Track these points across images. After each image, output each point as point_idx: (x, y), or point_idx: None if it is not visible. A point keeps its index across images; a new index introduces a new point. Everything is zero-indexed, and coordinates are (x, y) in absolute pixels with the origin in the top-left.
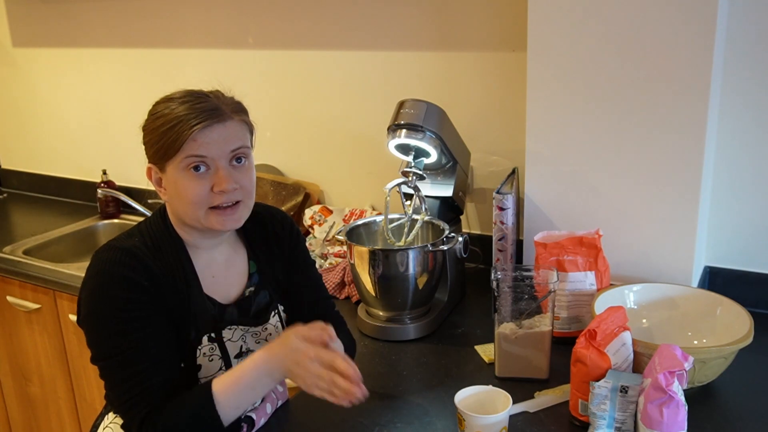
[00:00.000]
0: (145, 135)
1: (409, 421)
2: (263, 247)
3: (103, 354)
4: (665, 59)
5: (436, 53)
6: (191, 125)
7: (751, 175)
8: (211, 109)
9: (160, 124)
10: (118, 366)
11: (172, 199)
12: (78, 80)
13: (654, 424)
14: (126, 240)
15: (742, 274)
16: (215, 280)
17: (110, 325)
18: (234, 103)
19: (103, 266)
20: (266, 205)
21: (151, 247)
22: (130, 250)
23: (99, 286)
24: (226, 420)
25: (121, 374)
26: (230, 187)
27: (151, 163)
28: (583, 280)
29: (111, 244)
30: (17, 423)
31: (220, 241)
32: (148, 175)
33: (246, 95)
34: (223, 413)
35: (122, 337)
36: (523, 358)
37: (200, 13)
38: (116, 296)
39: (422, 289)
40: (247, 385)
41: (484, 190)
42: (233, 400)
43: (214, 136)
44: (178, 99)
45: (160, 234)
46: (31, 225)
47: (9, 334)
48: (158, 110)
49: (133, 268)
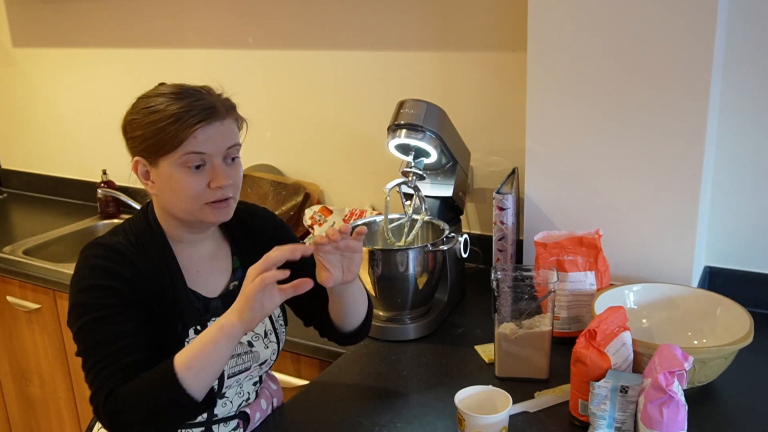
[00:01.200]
0: (135, 129)
1: (409, 421)
2: (247, 242)
3: (82, 339)
4: (665, 59)
5: (436, 53)
6: (192, 123)
7: (751, 175)
8: (209, 107)
9: (157, 119)
10: (94, 347)
11: (164, 194)
12: (78, 80)
13: (654, 424)
14: (110, 237)
15: (742, 274)
16: (199, 275)
17: (92, 312)
18: (226, 101)
19: (87, 260)
20: (249, 203)
21: (135, 243)
22: (114, 246)
23: (81, 279)
24: (192, 388)
25: (95, 355)
26: (227, 184)
27: (139, 156)
28: (583, 280)
29: (95, 242)
30: (17, 423)
31: (205, 236)
32: (134, 168)
33: (246, 95)
34: (184, 378)
35: (101, 322)
36: (523, 358)
37: (200, 13)
38: (97, 284)
39: (422, 289)
40: (202, 345)
41: (484, 190)
42: (193, 362)
43: (213, 134)
44: (170, 94)
45: (143, 231)
46: (31, 225)
47: (9, 334)
48: (151, 104)
49: (116, 261)
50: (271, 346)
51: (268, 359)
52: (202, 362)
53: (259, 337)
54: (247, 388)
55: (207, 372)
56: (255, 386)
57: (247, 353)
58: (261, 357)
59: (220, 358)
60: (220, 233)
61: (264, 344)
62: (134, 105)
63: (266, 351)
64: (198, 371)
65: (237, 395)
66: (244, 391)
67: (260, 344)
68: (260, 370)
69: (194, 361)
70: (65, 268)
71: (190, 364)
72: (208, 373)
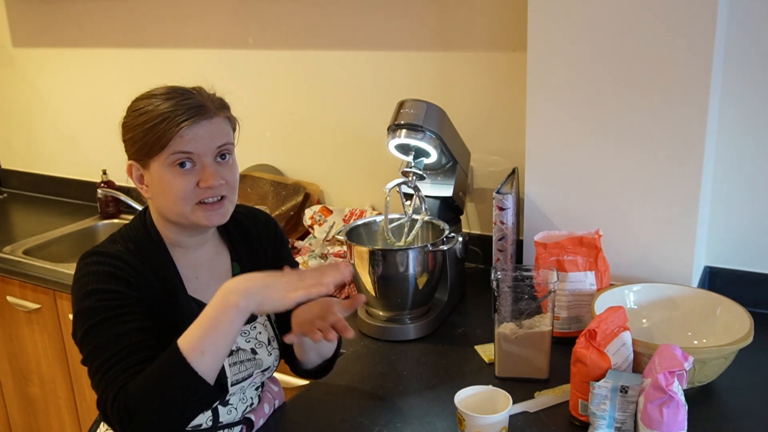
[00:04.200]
0: (126, 132)
1: (409, 421)
2: (246, 248)
3: (87, 343)
4: (666, 59)
5: (436, 53)
6: (178, 122)
7: (751, 174)
8: (197, 106)
9: (145, 120)
10: (99, 348)
11: (156, 196)
12: (78, 80)
13: (654, 424)
14: (108, 246)
15: (742, 274)
16: (199, 281)
17: (96, 314)
18: (217, 100)
19: (88, 267)
20: (249, 207)
21: (134, 251)
22: (115, 254)
23: (84, 285)
24: (202, 370)
25: (101, 356)
26: (216, 183)
27: (132, 159)
28: (583, 280)
29: (95, 250)
30: (17, 423)
31: (204, 240)
32: (128, 172)
33: (246, 95)
34: (194, 361)
35: (106, 323)
36: (523, 358)
37: (200, 13)
38: (101, 288)
39: (422, 289)
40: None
41: (484, 190)
42: (199, 343)
43: (201, 133)
44: (161, 95)
45: (141, 238)
46: (31, 225)
47: (9, 334)
48: (141, 106)
49: (118, 267)
50: (274, 353)
51: (271, 366)
52: (210, 342)
53: (262, 345)
54: (250, 394)
55: (217, 349)
56: (257, 391)
57: (250, 360)
58: (264, 364)
59: (228, 334)
60: (219, 238)
61: (267, 351)
62: (128, 108)
63: (269, 358)
64: (207, 352)
65: (241, 401)
66: (248, 396)
67: (263, 351)
68: (263, 376)
69: (201, 342)
70: (65, 268)
71: (198, 345)
72: (219, 350)
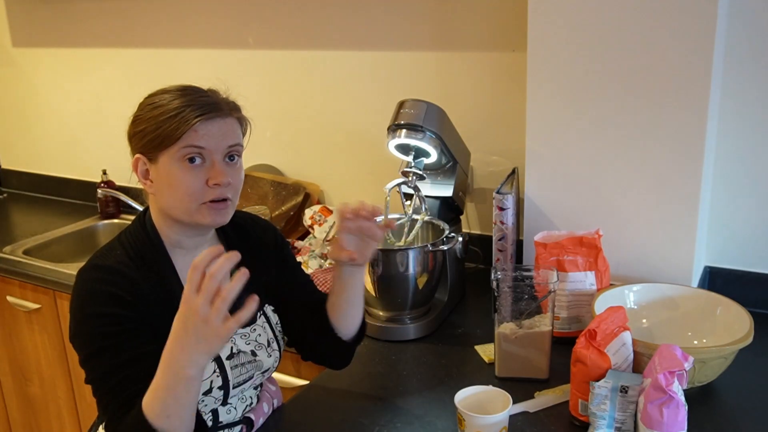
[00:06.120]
0: (138, 124)
1: (409, 421)
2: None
3: (88, 369)
4: (666, 59)
5: (436, 53)
6: (195, 115)
7: (751, 175)
8: (212, 103)
9: (159, 113)
10: (100, 379)
11: (162, 191)
12: (78, 80)
13: (654, 424)
14: (108, 255)
15: (742, 274)
16: None
17: (95, 342)
18: (231, 102)
19: (86, 285)
20: (247, 213)
21: (134, 258)
22: (113, 267)
23: (82, 305)
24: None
25: (102, 387)
26: (225, 181)
27: (140, 153)
28: (583, 280)
29: (93, 263)
30: (17, 423)
31: (203, 240)
32: (134, 166)
33: (246, 95)
34: (162, 425)
35: (105, 352)
36: (523, 358)
37: (200, 13)
38: (100, 312)
39: (422, 289)
40: (168, 393)
41: (484, 190)
42: (162, 410)
43: (214, 130)
44: (176, 91)
45: (141, 243)
46: (31, 225)
47: (9, 334)
48: (155, 101)
49: (116, 284)
50: (274, 354)
51: (271, 367)
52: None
53: (262, 347)
54: (249, 393)
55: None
56: (256, 390)
57: (251, 362)
58: (264, 365)
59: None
60: (217, 240)
61: (267, 353)
62: (140, 104)
63: (269, 359)
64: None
65: (240, 401)
66: (247, 396)
67: (263, 353)
68: (262, 377)
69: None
70: (65, 268)
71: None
72: (185, 408)
